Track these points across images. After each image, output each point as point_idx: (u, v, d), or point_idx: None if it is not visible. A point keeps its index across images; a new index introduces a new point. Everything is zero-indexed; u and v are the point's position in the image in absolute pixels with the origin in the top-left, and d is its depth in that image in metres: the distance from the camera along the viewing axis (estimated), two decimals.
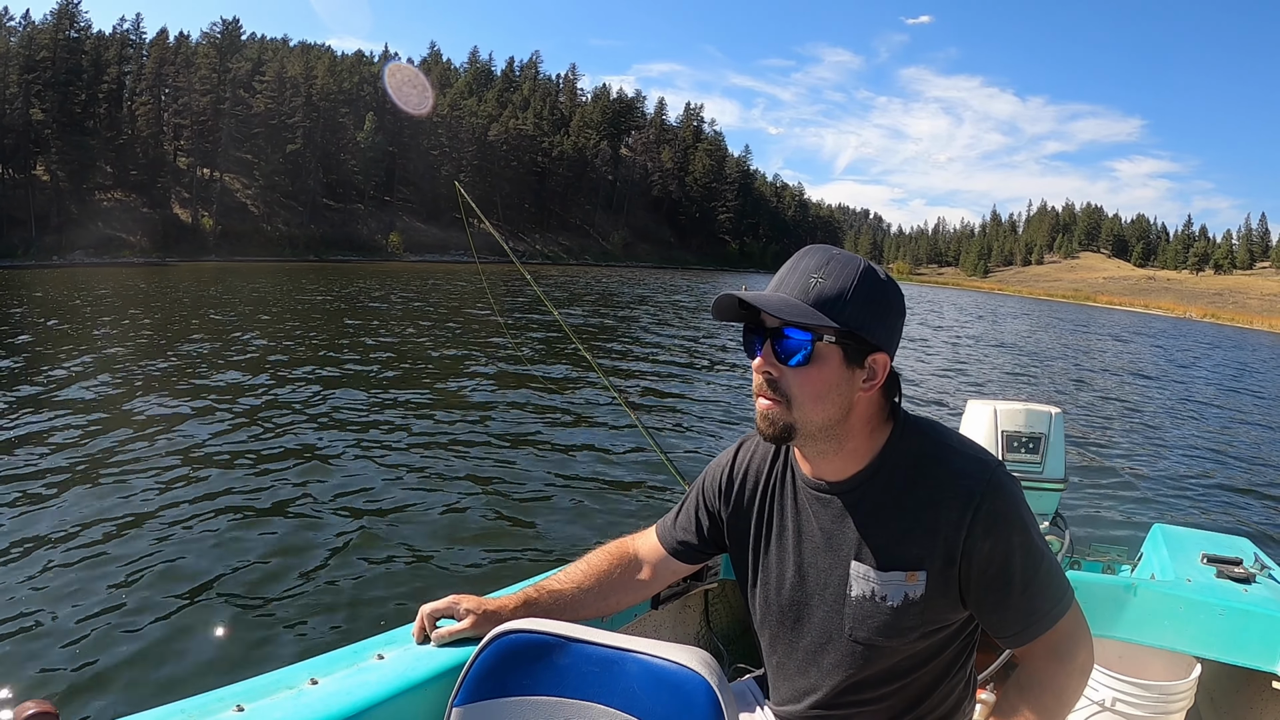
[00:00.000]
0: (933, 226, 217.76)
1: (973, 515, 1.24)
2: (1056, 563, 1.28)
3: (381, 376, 12.52)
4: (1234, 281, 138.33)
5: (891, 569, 1.31)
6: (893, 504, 1.31)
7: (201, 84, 76.29)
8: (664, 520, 1.64)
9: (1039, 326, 47.25)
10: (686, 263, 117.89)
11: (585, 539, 5.79)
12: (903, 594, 1.31)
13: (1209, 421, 15.41)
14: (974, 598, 1.28)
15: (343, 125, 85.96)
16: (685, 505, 1.60)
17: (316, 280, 40.64)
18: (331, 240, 77.77)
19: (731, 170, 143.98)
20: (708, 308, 15.84)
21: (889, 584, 1.31)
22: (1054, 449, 3.07)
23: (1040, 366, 23.23)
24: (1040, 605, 1.26)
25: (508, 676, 1.29)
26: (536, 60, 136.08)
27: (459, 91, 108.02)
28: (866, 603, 1.34)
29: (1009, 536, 1.24)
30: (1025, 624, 1.27)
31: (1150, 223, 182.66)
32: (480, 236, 4.26)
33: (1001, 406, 3.09)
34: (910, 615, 1.31)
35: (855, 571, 1.34)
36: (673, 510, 1.63)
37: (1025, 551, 1.25)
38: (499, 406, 10.63)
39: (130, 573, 4.90)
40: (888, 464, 1.32)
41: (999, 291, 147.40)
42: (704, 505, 1.56)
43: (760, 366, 1.29)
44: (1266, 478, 10.38)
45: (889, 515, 1.31)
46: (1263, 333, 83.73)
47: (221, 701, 1.26)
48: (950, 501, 1.26)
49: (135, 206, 66.92)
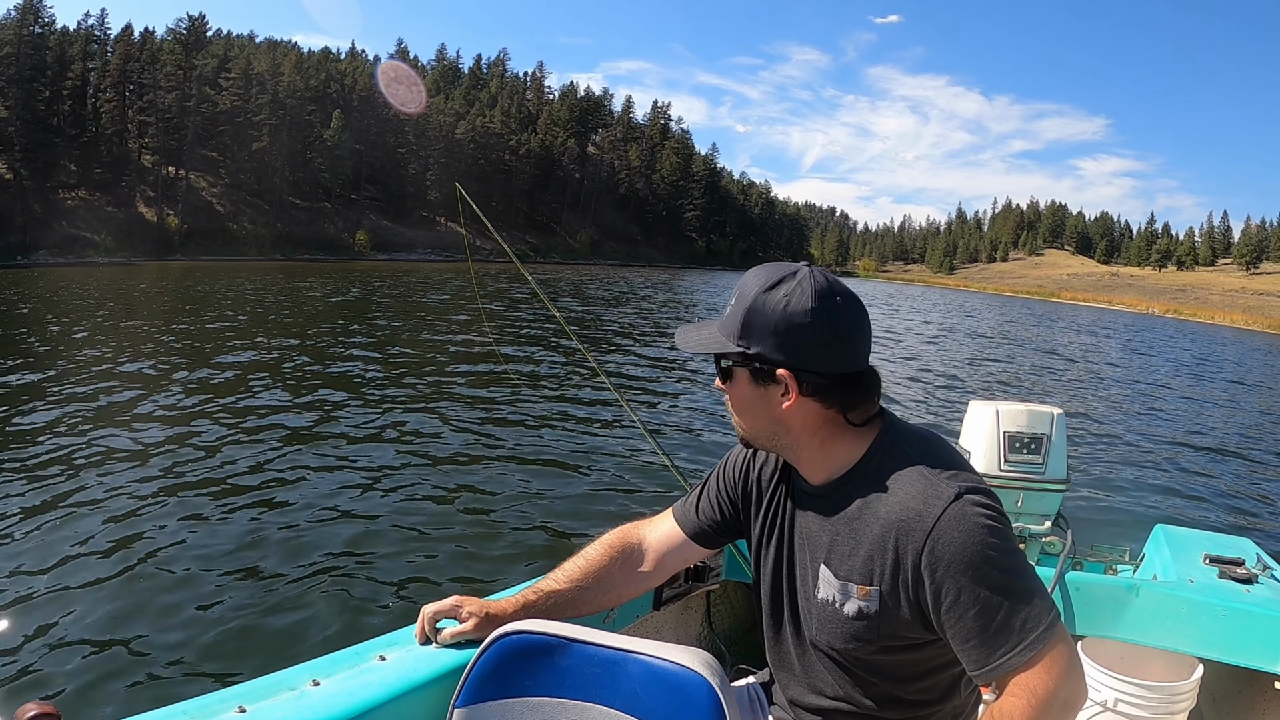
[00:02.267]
0: (899, 224, 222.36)
1: (924, 546, 1.23)
2: (1034, 594, 1.23)
3: (378, 377, 12.55)
4: (1196, 278, 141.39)
5: (848, 579, 1.33)
6: (856, 515, 1.33)
7: (167, 81, 76.23)
8: (683, 504, 1.67)
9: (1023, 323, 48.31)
10: (653, 260, 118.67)
11: (587, 538, 6.78)
12: (856, 606, 1.33)
13: (1209, 421, 15.48)
14: (940, 628, 1.27)
15: (309, 123, 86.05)
16: (707, 489, 1.64)
17: (293, 279, 40.47)
18: (298, 239, 77.94)
19: (699, 168, 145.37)
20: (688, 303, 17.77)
21: (845, 593, 1.34)
22: (1056, 449, 3.03)
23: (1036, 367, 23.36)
24: (1004, 640, 1.21)
25: (509, 677, 1.31)
26: (504, 58, 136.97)
27: (426, 89, 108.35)
28: (828, 607, 1.37)
29: (963, 573, 1.22)
30: (986, 662, 1.23)
31: (1114, 220, 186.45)
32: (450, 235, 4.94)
33: (1003, 407, 3.07)
34: (864, 627, 1.33)
35: (823, 574, 1.37)
36: (692, 494, 1.67)
37: (983, 590, 1.21)
38: (498, 406, 10.71)
39: (130, 574, 4.93)
40: (859, 474, 1.35)
41: (964, 288, 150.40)
42: (724, 490, 1.60)
43: (717, 385, 1.42)
44: (1268, 477, 10.46)
45: (854, 525, 1.33)
46: (1225, 328, 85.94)
47: (224, 703, 1.27)
48: (905, 527, 1.26)
49: (100, 205, 66.90)
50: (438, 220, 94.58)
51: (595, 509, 6.76)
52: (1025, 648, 1.20)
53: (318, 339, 17.40)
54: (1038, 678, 1.21)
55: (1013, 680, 1.23)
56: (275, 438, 8.28)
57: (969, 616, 1.22)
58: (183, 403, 9.86)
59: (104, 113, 73.76)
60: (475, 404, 10.73)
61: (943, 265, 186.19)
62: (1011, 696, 1.22)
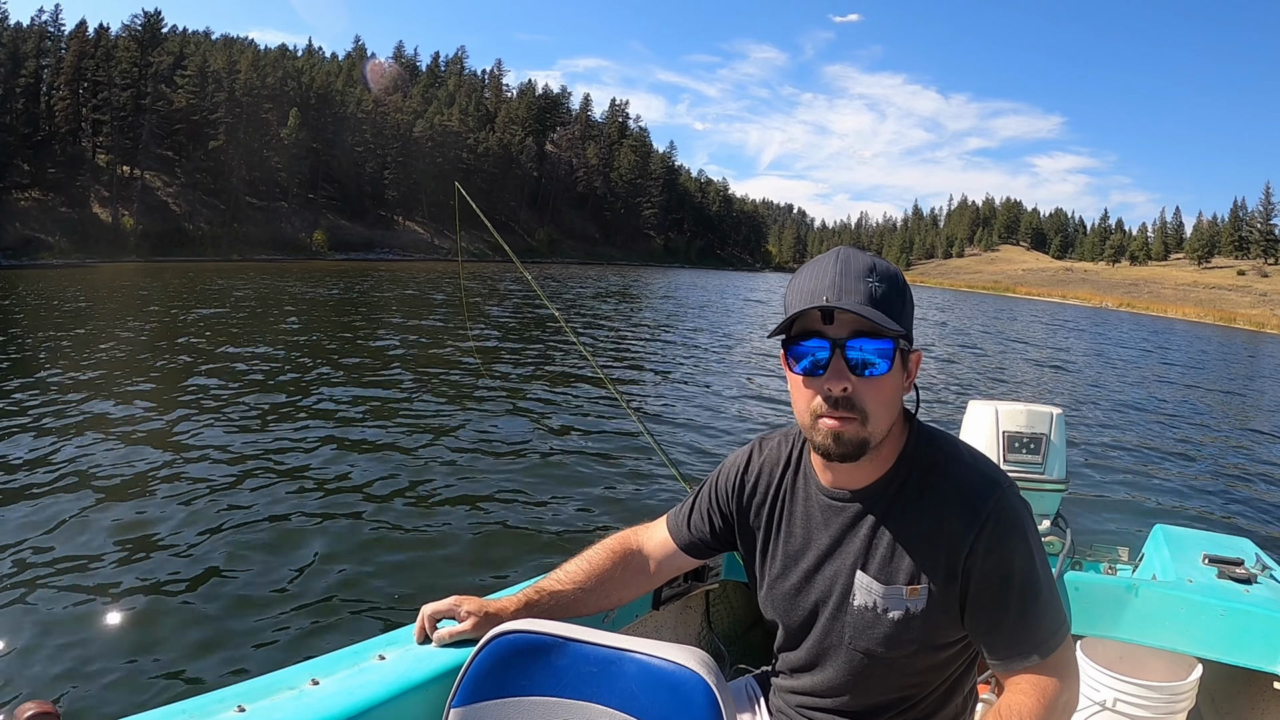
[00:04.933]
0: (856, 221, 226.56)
1: (977, 533, 1.24)
2: (1056, 596, 1.27)
3: (375, 377, 12.55)
4: (1149, 272, 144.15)
5: (893, 581, 1.32)
6: (900, 515, 1.32)
7: (122, 78, 75.77)
8: (674, 514, 1.66)
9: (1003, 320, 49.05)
10: (612, 259, 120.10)
11: (587, 537, 8.67)
12: (904, 607, 1.32)
13: (1209, 420, 15.74)
14: (970, 616, 1.29)
15: (266, 121, 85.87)
16: (698, 501, 1.62)
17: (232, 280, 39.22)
18: (255, 239, 77.32)
19: (656, 166, 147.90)
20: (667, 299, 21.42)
21: (890, 596, 1.32)
22: (1055, 449, 3.01)
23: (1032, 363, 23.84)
24: (1032, 635, 1.25)
25: (506, 677, 1.31)
26: (462, 56, 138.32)
27: (386, 88, 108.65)
28: (868, 613, 1.35)
29: (1011, 559, 1.24)
30: (1014, 651, 1.26)
31: (1068, 216, 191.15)
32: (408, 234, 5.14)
33: (1003, 407, 3.04)
34: (910, 629, 1.32)
35: (859, 581, 1.35)
36: (684, 505, 1.66)
37: (1025, 577, 1.24)
38: (497, 406, 10.73)
39: (129, 573, 4.95)
40: (901, 472, 1.34)
41: (921, 284, 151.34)
42: (716, 503, 1.58)
43: (831, 383, 1.23)
44: (1268, 477, 10.48)
45: (896, 526, 1.32)
46: (1177, 320, 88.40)
47: (223, 702, 1.28)
48: (956, 516, 1.26)
49: (54, 206, 66.15)
50: (395, 219, 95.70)
51: (595, 509, 6.81)
52: (1048, 646, 1.25)
53: (314, 339, 17.54)
54: (1048, 678, 1.25)
55: (1023, 677, 1.26)
56: (273, 439, 8.36)
57: (1004, 607, 1.25)
58: (182, 401, 9.97)
59: (58, 111, 73.11)
60: (473, 405, 10.77)
61: (899, 261, 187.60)
62: (1021, 694, 1.24)
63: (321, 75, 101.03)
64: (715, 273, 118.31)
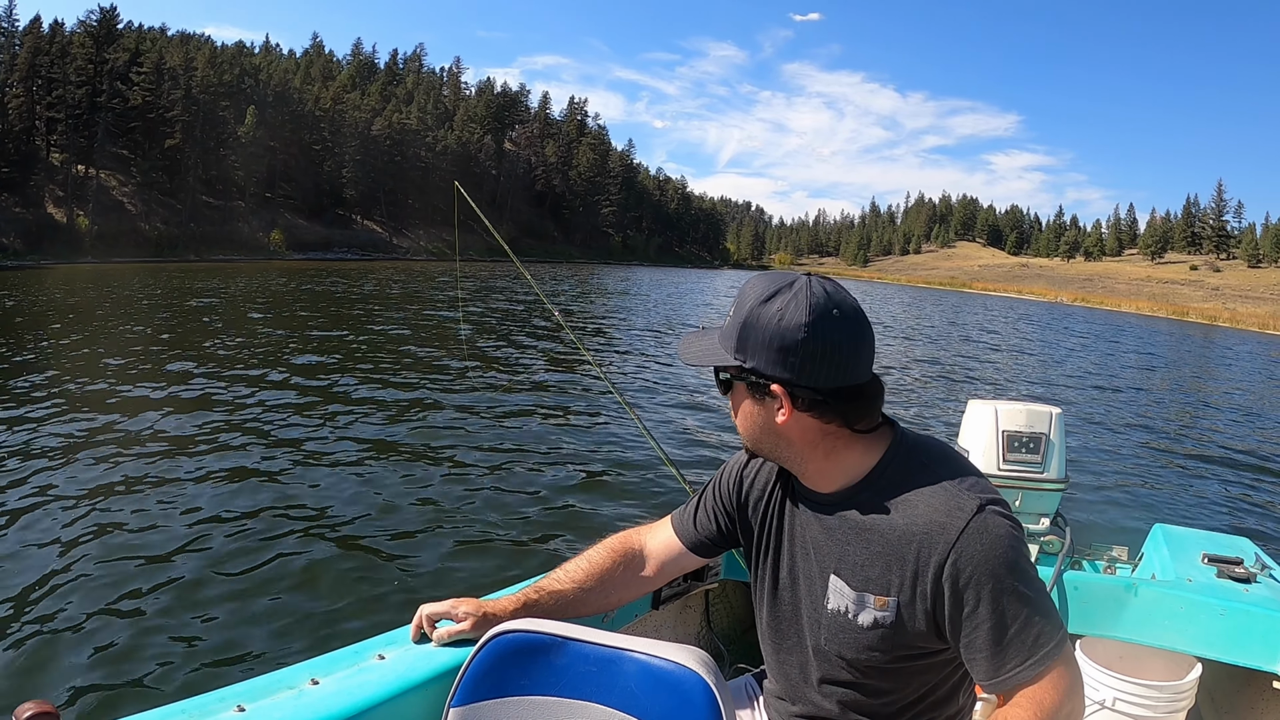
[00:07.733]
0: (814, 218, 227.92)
1: (946, 558, 1.24)
2: (1046, 614, 1.25)
3: (374, 378, 12.64)
4: (1103, 268, 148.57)
5: (863, 589, 1.34)
6: (872, 525, 1.33)
7: (77, 75, 74.74)
8: (680, 513, 1.70)
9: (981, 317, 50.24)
10: (571, 257, 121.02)
11: (586, 537, 5.19)
12: (871, 616, 1.33)
13: (1208, 420, 15.91)
14: (950, 637, 1.29)
15: (223, 119, 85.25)
16: (703, 500, 1.66)
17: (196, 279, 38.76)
18: (212, 239, 76.20)
19: (615, 164, 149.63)
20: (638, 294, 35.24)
21: (860, 603, 1.34)
22: (1055, 449, 3.01)
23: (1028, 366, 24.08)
24: (1015, 658, 1.23)
25: (505, 677, 1.31)
26: (421, 53, 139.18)
27: (342, 85, 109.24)
28: (840, 617, 1.37)
29: (984, 584, 1.22)
30: (996, 674, 1.25)
31: (1024, 213, 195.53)
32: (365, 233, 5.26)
33: (1002, 406, 3.04)
34: (879, 638, 1.34)
35: (833, 585, 1.38)
36: (688, 505, 1.69)
37: (1003, 602, 1.23)
38: (495, 406, 10.81)
39: (129, 573, 5.00)
40: (873, 483, 1.35)
41: (878, 280, 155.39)
42: (720, 501, 1.62)
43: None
44: (1268, 476, 10.53)
45: (869, 535, 1.33)
46: (1130, 314, 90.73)
47: (223, 702, 1.29)
48: (926, 538, 1.26)
49: (7, 206, 64.89)
50: (353, 218, 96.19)
51: (595, 508, 6.82)
52: (1034, 664, 1.23)
53: (309, 340, 17.58)
54: (1044, 692, 1.24)
55: (1020, 693, 1.25)
56: (272, 439, 8.38)
57: (984, 629, 1.24)
58: (181, 398, 10.12)
59: (11, 109, 71.60)
60: (472, 405, 10.87)
61: (857, 258, 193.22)
62: (1017, 708, 1.24)
63: (279, 72, 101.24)
64: (674, 270, 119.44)
